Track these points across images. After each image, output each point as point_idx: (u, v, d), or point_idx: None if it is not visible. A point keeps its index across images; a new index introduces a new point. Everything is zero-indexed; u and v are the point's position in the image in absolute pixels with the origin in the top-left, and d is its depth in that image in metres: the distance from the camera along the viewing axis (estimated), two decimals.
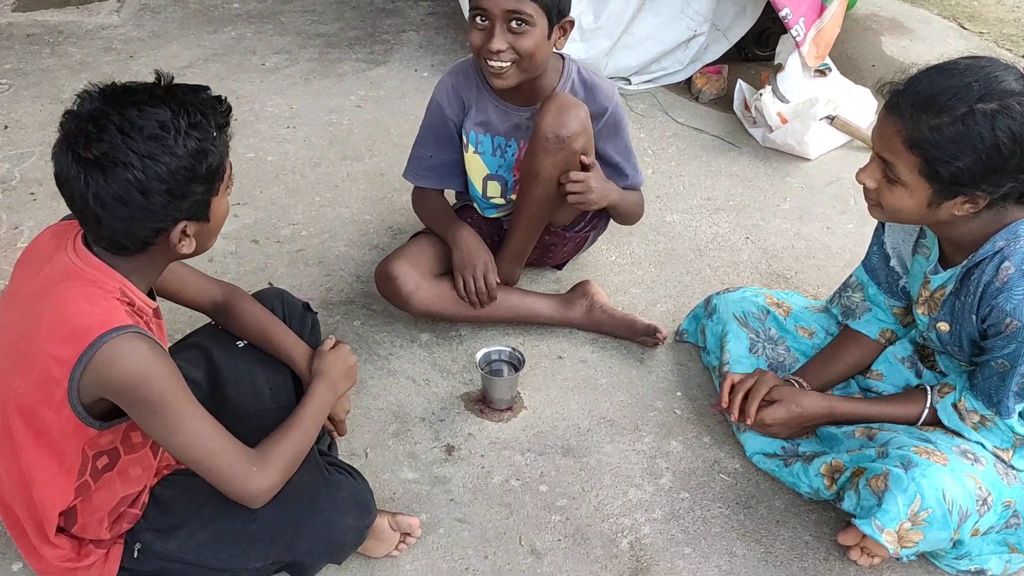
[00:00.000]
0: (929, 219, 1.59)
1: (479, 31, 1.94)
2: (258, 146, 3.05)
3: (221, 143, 1.33)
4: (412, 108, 3.30)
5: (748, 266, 2.58)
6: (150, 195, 1.25)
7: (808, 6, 3.11)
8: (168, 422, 1.32)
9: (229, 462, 1.37)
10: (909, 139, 1.49)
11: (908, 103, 1.50)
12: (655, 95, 3.47)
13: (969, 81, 1.45)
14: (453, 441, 1.99)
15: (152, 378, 1.29)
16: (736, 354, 2.05)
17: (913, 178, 1.52)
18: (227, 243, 2.56)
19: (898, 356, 1.92)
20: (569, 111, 1.99)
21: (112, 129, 1.22)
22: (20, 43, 3.68)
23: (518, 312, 2.25)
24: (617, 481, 1.91)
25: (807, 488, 1.80)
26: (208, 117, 1.30)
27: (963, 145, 1.44)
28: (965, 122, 1.44)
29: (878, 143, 1.57)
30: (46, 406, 1.29)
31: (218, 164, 1.33)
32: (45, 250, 1.38)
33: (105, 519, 1.44)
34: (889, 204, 1.59)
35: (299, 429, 1.50)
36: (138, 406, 1.31)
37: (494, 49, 1.91)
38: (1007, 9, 4.63)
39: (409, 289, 2.13)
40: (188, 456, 1.36)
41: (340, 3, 4.24)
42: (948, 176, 1.48)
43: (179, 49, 3.69)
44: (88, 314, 1.27)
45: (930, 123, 1.46)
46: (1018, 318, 1.51)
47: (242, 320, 1.70)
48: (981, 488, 1.56)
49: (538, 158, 2.03)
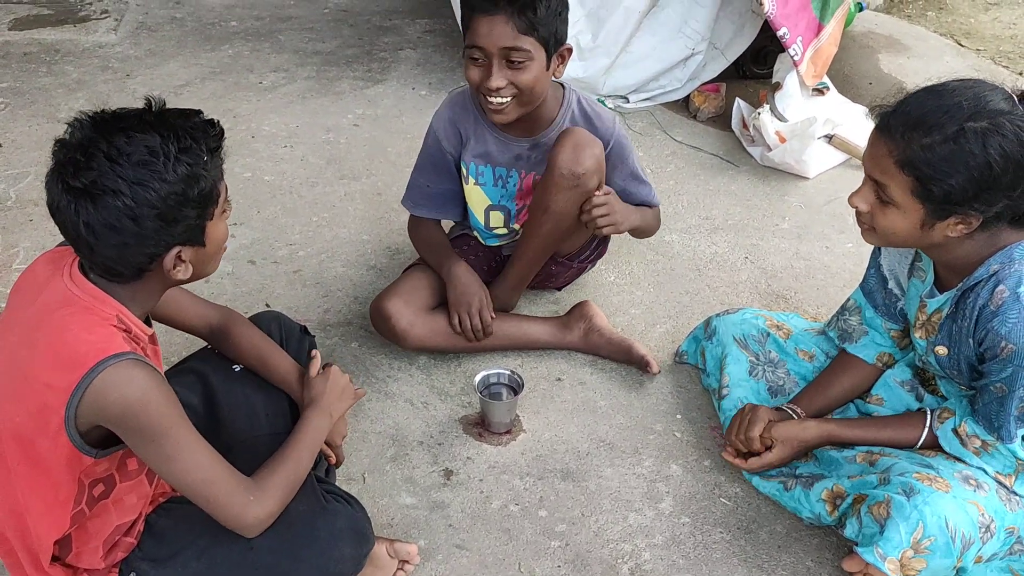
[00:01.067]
0: (923, 241, 1.58)
1: (477, 68, 1.93)
2: (255, 165, 3.04)
3: (213, 167, 1.32)
4: (409, 127, 3.30)
5: (747, 286, 2.57)
6: (141, 221, 1.24)
7: (805, 26, 3.12)
8: (165, 450, 1.31)
9: (226, 491, 1.36)
10: (901, 159, 1.49)
11: (899, 124, 1.50)
12: (653, 113, 3.47)
13: (959, 101, 1.46)
14: (452, 465, 1.97)
15: (150, 406, 1.27)
16: (736, 377, 2.04)
17: (906, 199, 1.52)
18: (224, 264, 2.53)
19: (898, 380, 1.91)
20: (584, 149, 1.99)
21: (100, 157, 1.21)
22: (17, 61, 3.68)
23: (515, 340, 2.24)
24: (617, 506, 1.89)
25: (808, 513, 1.78)
26: (199, 141, 1.29)
27: (955, 163, 1.45)
28: (956, 140, 1.44)
29: (870, 165, 1.57)
30: (42, 435, 1.28)
31: (210, 188, 1.31)
32: (41, 276, 1.37)
33: (100, 548, 1.42)
34: (882, 227, 1.59)
35: (294, 458, 1.48)
36: (135, 434, 1.29)
37: (493, 87, 1.90)
38: (1004, 26, 4.65)
39: (403, 327, 2.12)
40: (185, 485, 1.35)
41: (338, 21, 4.25)
42: (941, 195, 1.48)
43: (176, 67, 3.69)
44: (85, 342, 1.26)
45: (921, 142, 1.46)
46: (1013, 341, 1.51)
47: (239, 345, 1.68)
48: (984, 515, 1.55)
49: (551, 194, 2.03)
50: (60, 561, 1.42)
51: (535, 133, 2.10)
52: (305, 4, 4.45)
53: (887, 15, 4.64)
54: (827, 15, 3.14)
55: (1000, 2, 4.95)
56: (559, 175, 2.00)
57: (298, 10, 4.37)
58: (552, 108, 2.08)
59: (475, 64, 1.93)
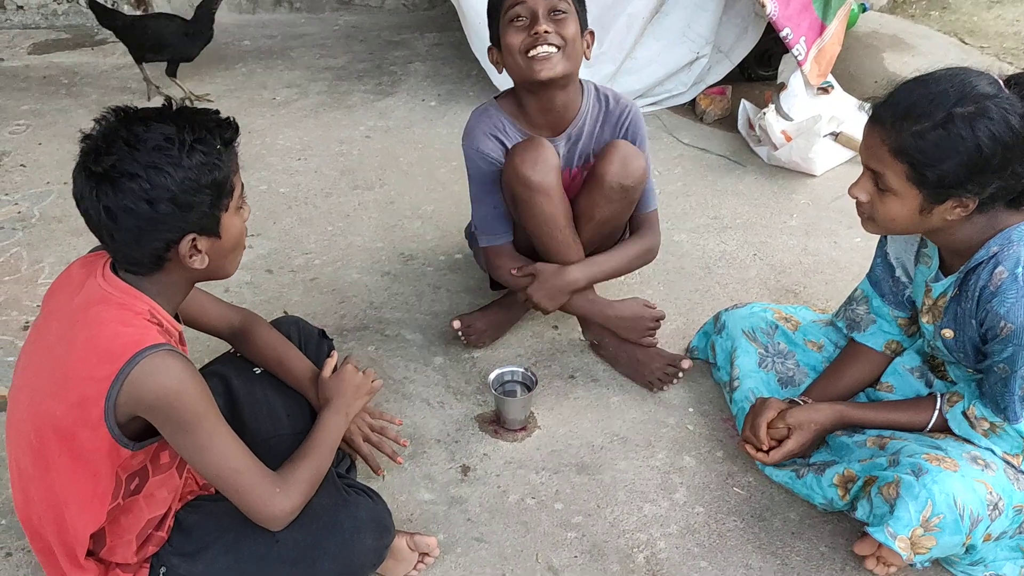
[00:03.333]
0: (923, 226, 1.62)
1: (520, 29, 1.97)
2: (270, 178, 3.11)
3: (227, 158, 1.37)
4: (420, 137, 3.37)
5: (756, 282, 2.61)
6: (156, 204, 1.30)
7: (808, 26, 3.16)
8: (199, 440, 1.36)
9: (254, 483, 1.41)
10: (894, 147, 1.54)
11: (890, 113, 1.55)
12: (660, 117, 3.51)
13: (945, 88, 1.51)
14: (468, 462, 2.01)
15: (185, 395, 1.32)
16: (746, 369, 2.07)
17: (902, 185, 1.56)
18: (242, 273, 2.60)
19: (907, 367, 1.93)
20: (633, 161, 2.05)
21: (120, 143, 1.28)
22: (37, 84, 3.77)
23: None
24: (632, 497, 1.93)
25: (821, 499, 1.81)
26: (213, 133, 1.35)
27: (946, 148, 1.49)
28: (945, 126, 1.48)
29: (865, 155, 1.62)
30: (83, 426, 1.33)
31: (224, 178, 1.36)
32: (75, 279, 1.43)
33: (133, 542, 1.47)
34: (882, 214, 1.63)
35: (314, 455, 1.53)
36: (171, 423, 1.34)
37: (542, 30, 1.94)
38: (1007, 23, 4.68)
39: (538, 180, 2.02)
40: (216, 474, 1.40)
41: (348, 37, 4.32)
42: (935, 180, 1.52)
43: (191, 86, 3.77)
44: (122, 335, 1.32)
45: (912, 130, 1.51)
46: (1012, 321, 1.54)
47: (258, 346, 1.74)
48: (992, 493, 1.58)
49: (598, 204, 2.08)
50: (94, 556, 1.47)
51: (565, 127, 2.13)
52: (316, 22, 4.53)
53: (891, 15, 4.68)
54: (829, 15, 3.18)
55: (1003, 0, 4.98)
56: (608, 188, 2.05)
57: (310, 28, 4.45)
58: (576, 99, 2.12)
59: (517, 27, 1.98)
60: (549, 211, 2.05)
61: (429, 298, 2.53)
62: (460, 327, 2.29)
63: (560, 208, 2.06)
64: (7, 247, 2.70)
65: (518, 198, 2.05)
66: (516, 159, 2.02)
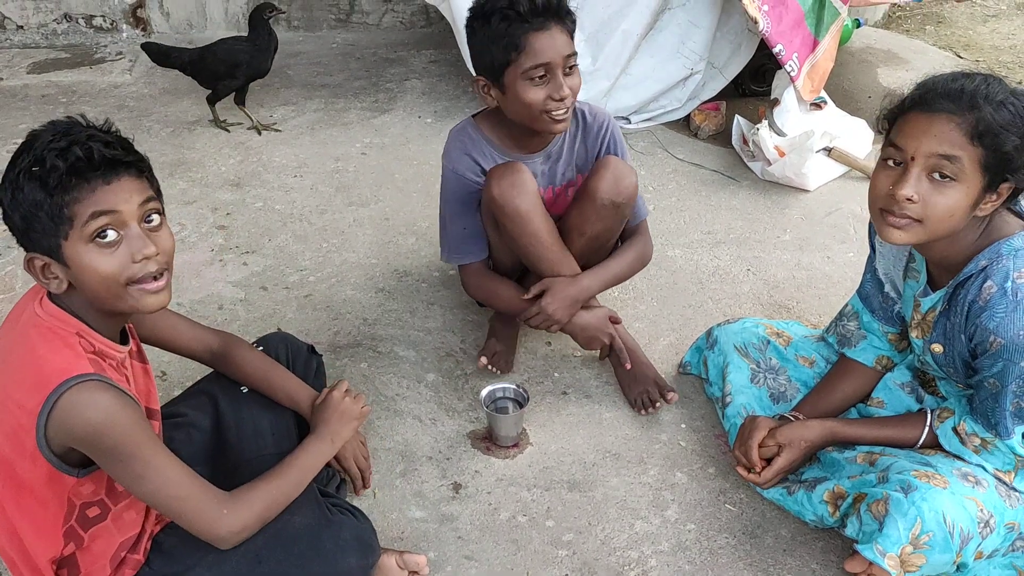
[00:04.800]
0: (963, 223, 1.57)
1: (541, 86, 1.92)
2: (266, 195, 3.12)
3: (61, 185, 1.27)
4: (416, 154, 3.38)
5: (750, 297, 2.61)
6: (9, 219, 1.31)
7: (801, 42, 3.17)
8: (134, 470, 1.34)
9: (197, 507, 1.39)
10: (970, 128, 1.49)
11: (953, 99, 1.51)
12: (655, 133, 3.52)
13: (984, 77, 1.53)
14: (460, 479, 2.01)
15: (114, 428, 1.29)
16: (738, 384, 2.07)
17: (973, 170, 1.51)
18: (236, 291, 2.61)
19: (898, 382, 1.93)
20: (625, 178, 2.06)
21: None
22: (35, 103, 3.79)
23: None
24: (623, 514, 1.92)
25: (812, 516, 1.80)
26: (57, 157, 1.26)
27: (1014, 126, 1.49)
28: (1011, 104, 1.49)
29: (932, 143, 1.51)
30: (20, 456, 1.32)
31: (55, 206, 1.27)
32: (22, 304, 1.42)
33: (107, 566, 1.46)
34: (941, 210, 1.54)
35: (282, 476, 1.51)
36: (103, 455, 1.32)
37: (567, 94, 1.93)
38: (1002, 37, 4.70)
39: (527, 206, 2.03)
40: (156, 502, 1.39)
41: (345, 55, 4.34)
42: (1004, 160, 1.50)
43: (189, 105, 3.79)
44: (49, 362, 1.30)
45: (984, 111, 1.48)
46: (1001, 335, 1.53)
47: (242, 367, 1.73)
48: (983, 510, 1.57)
49: (590, 220, 2.09)
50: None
51: (544, 146, 2.13)
52: (314, 40, 4.56)
53: (886, 30, 4.70)
54: (822, 31, 3.19)
55: (999, 14, 5.00)
56: (601, 204, 2.06)
57: (307, 46, 4.47)
58: None
59: (537, 83, 1.93)
60: (532, 233, 2.05)
61: (423, 314, 2.53)
62: (487, 362, 2.27)
63: (543, 227, 2.06)
64: (2, 265, 2.70)
65: (499, 223, 2.06)
66: (493, 185, 2.02)
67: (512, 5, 1.88)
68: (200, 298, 2.57)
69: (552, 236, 2.09)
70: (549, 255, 2.10)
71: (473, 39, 2.00)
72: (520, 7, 1.88)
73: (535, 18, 1.89)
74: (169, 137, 3.51)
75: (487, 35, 1.93)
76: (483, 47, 1.96)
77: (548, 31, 1.90)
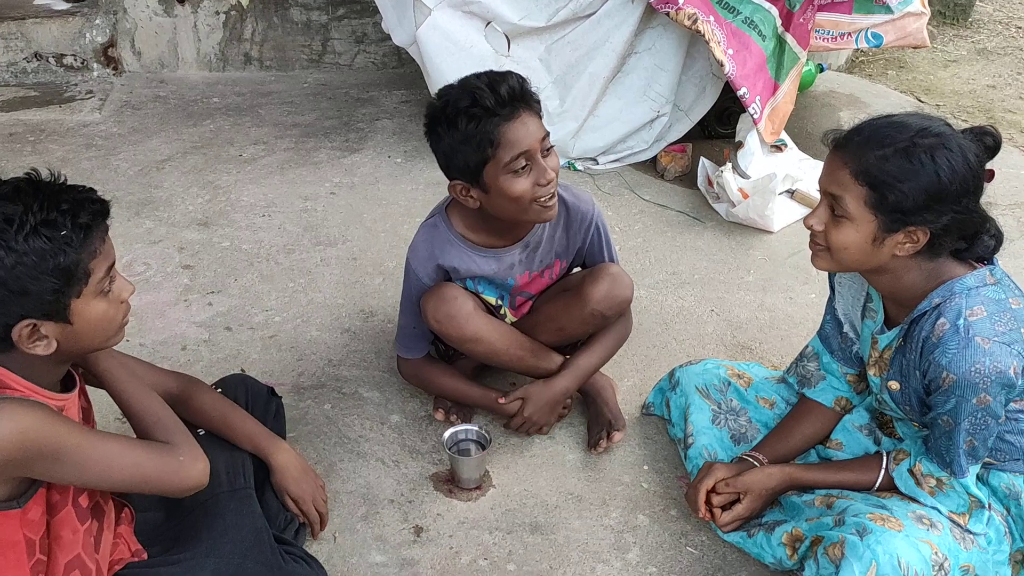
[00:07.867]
0: (873, 260, 1.63)
1: (524, 176, 1.86)
2: (233, 235, 3.11)
3: (81, 243, 1.30)
4: (385, 193, 3.39)
5: (713, 338, 2.63)
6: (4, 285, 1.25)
7: (763, 85, 3.24)
8: (73, 461, 1.31)
9: (156, 466, 1.39)
10: (856, 170, 1.57)
11: (853, 140, 1.60)
12: (621, 174, 3.57)
13: (908, 122, 1.58)
14: (422, 522, 2.00)
15: (28, 432, 1.26)
16: (699, 426, 2.08)
17: (860, 210, 1.58)
18: (200, 331, 2.59)
19: (856, 424, 1.95)
20: (621, 293, 2.08)
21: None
22: (2, 142, 3.77)
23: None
24: (585, 557, 1.92)
25: (771, 559, 1.81)
26: (67, 215, 1.28)
27: (907, 172, 1.53)
28: (907, 152, 1.54)
29: (825, 180, 1.64)
30: None
31: (72, 264, 1.29)
32: None
33: None
34: (836, 242, 1.63)
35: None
36: (36, 463, 1.29)
37: (550, 177, 1.87)
38: (963, 82, 4.81)
39: (468, 311, 2.03)
40: (115, 481, 1.38)
41: (316, 95, 4.37)
42: (893, 203, 1.55)
43: (159, 143, 3.79)
44: None
45: (875, 154, 1.56)
46: (953, 372, 1.56)
47: (200, 411, 1.72)
48: (937, 553, 1.58)
49: (573, 321, 2.12)
50: None
51: (523, 236, 2.07)
52: (286, 79, 4.58)
53: (848, 74, 4.80)
54: (782, 75, 3.27)
55: (959, 59, 5.13)
56: (590, 312, 2.06)
57: (279, 85, 4.49)
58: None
59: (520, 174, 1.86)
60: (487, 351, 2.10)
61: (388, 355, 2.52)
62: (444, 417, 2.27)
63: (498, 341, 2.08)
64: None
65: (451, 346, 2.08)
66: (430, 318, 2.04)
67: (476, 102, 1.81)
68: (163, 339, 2.55)
69: (510, 343, 2.10)
70: (515, 363, 2.15)
71: (440, 144, 1.90)
72: (486, 102, 1.80)
73: (503, 109, 1.81)
74: (137, 176, 3.50)
75: (456, 138, 1.85)
76: (453, 151, 1.88)
77: (519, 119, 1.83)
